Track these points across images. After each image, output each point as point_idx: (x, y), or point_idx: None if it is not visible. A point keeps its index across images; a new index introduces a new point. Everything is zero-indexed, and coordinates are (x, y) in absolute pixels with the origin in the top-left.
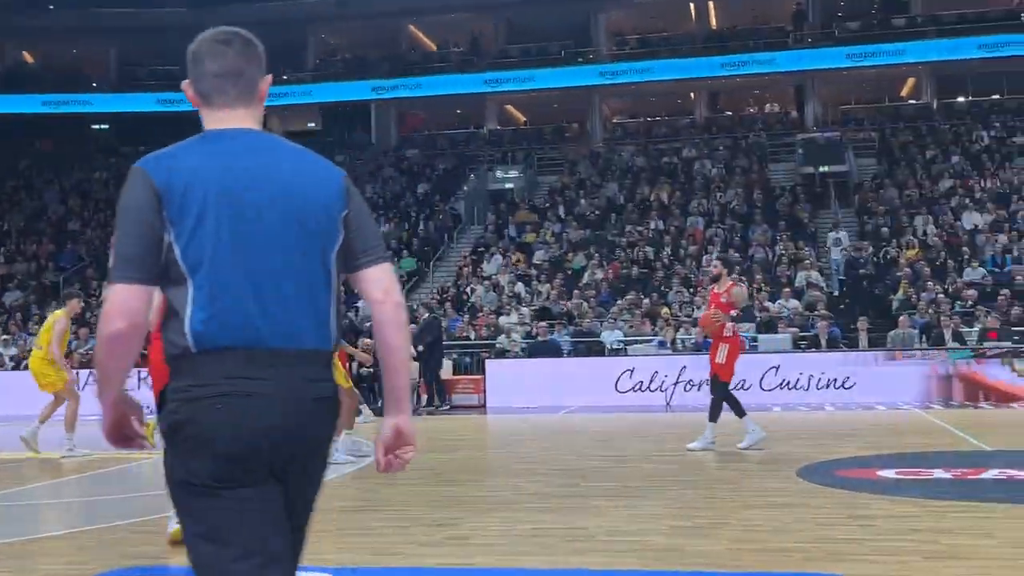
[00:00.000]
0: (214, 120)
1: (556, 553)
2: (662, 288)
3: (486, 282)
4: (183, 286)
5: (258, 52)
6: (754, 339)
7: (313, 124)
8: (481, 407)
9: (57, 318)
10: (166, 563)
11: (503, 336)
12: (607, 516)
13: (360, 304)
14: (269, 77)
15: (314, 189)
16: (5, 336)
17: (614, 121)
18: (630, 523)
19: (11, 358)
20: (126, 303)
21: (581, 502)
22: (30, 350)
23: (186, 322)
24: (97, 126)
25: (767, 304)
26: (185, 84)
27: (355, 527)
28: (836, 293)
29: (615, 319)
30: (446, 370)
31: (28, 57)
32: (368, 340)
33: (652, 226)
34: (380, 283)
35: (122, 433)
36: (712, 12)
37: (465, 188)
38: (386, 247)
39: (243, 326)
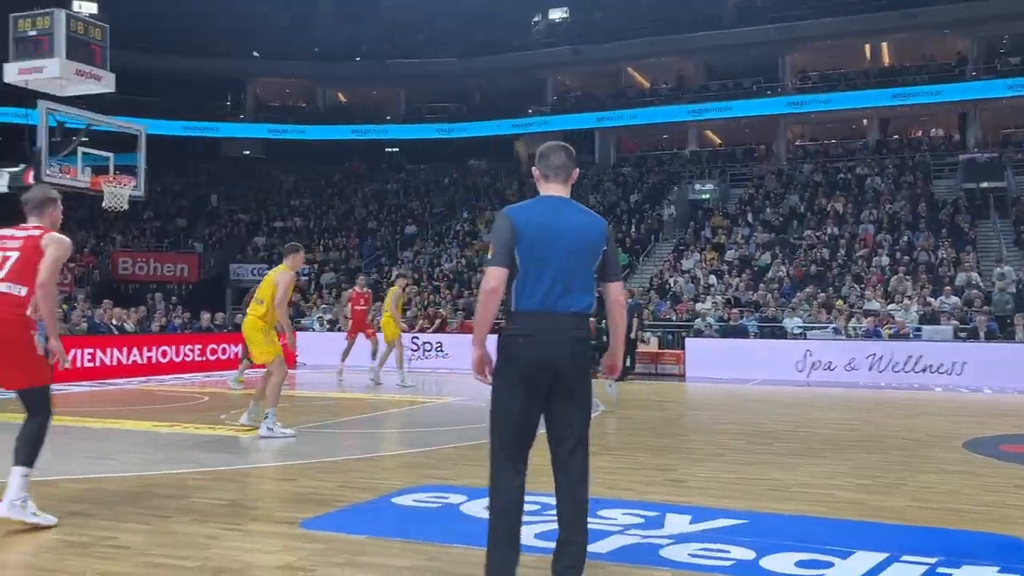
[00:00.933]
0: (547, 190)
1: (758, 499)
2: (836, 283)
3: (685, 275)
4: (516, 276)
5: (573, 155)
6: (918, 329)
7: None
8: (681, 376)
9: (280, 271)
10: (453, 483)
11: (699, 319)
12: (797, 471)
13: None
14: (577, 170)
15: (589, 231)
16: (324, 305)
17: (796, 144)
18: (816, 478)
19: (328, 321)
20: (497, 276)
21: (775, 458)
22: (334, 318)
23: (514, 295)
24: (390, 149)
25: (929, 299)
26: (534, 168)
27: (592, 467)
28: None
29: (795, 308)
30: (653, 345)
31: (340, 97)
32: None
33: (828, 231)
34: (614, 292)
35: (483, 367)
36: (884, 51)
37: (670, 198)
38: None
39: (542, 299)
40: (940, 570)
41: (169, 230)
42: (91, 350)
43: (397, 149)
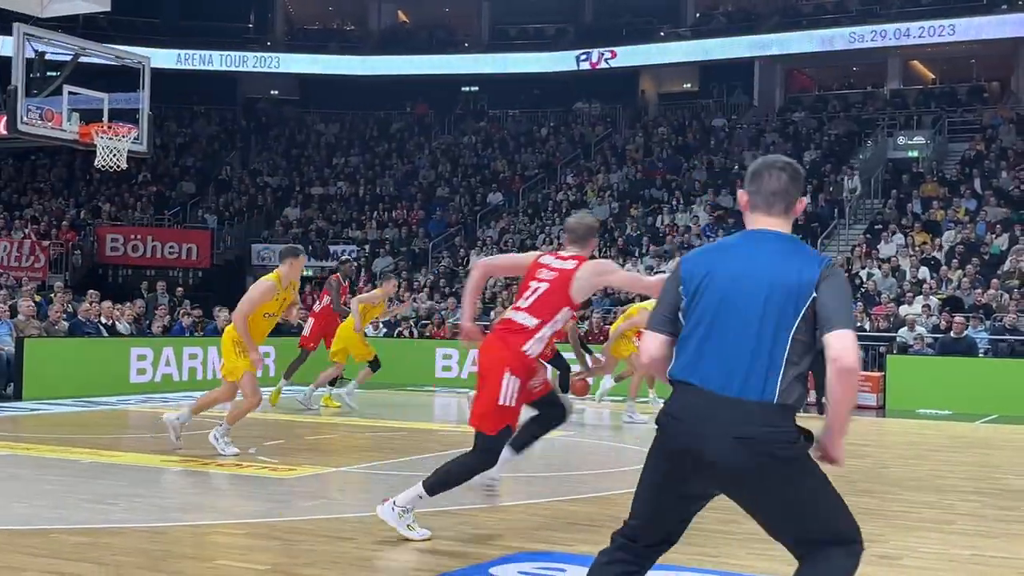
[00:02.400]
0: (755, 223)
1: None
2: None
3: (884, 265)
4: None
5: (800, 177)
6: None
7: (689, 85)
8: (880, 408)
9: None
10: (571, 550)
11: (905, 328)
12: None
13: None
14: (805, 199)
15: (792, 278)
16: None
17: None
18: None
19: (384, 323)
20: (651, 349)
21: None
22: (401, 317)
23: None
24: (467, 88)
25: None
26: (741, 192)
27: (762, 532)
28: None
29: None
30: None
31: (401, 16)
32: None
33: None
34: (836, 346)
35: None
36: None
37: (861, 157)
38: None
39: (699, 371)
40: None
41: (172, 198)
42: (73, 356)
43: (477, 88)
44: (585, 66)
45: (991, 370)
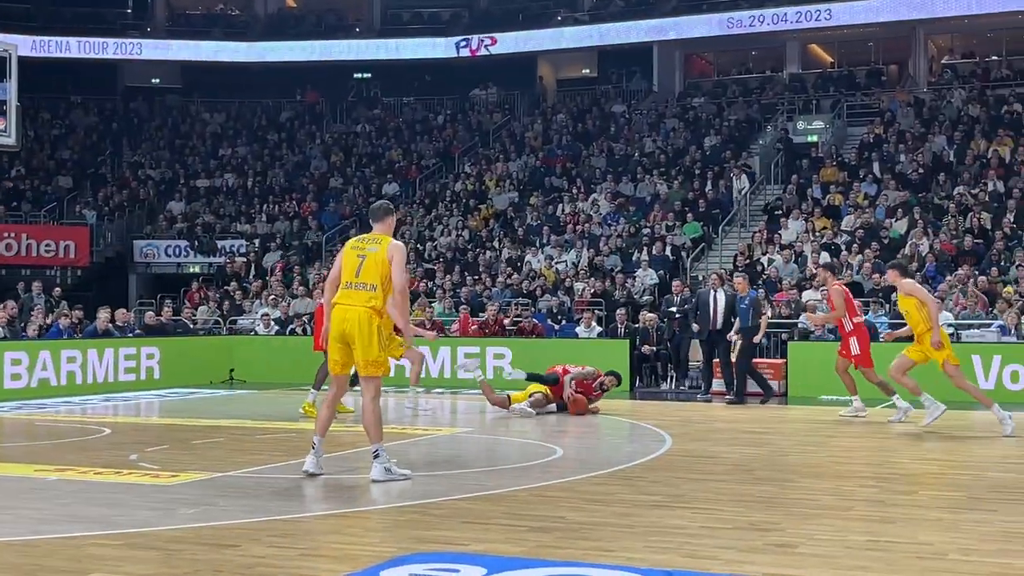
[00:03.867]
0: None
1: (903, 571)
2: (1002, 262)
3: (785, 251)
4: None
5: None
6: None
7: (588, 71)
8: (782, 395)
9: (390, 243)
10: (465, 549)
11: (806, 315)
12: (957, 531)
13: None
14: None
15: None
16: (272, 297)
17: (942, 62)
18: (983, 540)
19: (275, 320)
20: None
21: (922, 512)
22: (294, 314)
23: None
24: (360, 75)
25: None
26: None
27: (661, 525)
28: None
29: (943, 298)
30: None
31: (289, 1)
32: (649, 315)
33: (990, 188)
34: None
35: None
36: None
37: (760, 142)
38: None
39: None
40: None
41: (47, 194)
42: None
43: (369, 75)
44: (465, 53)
45: (892, 355)
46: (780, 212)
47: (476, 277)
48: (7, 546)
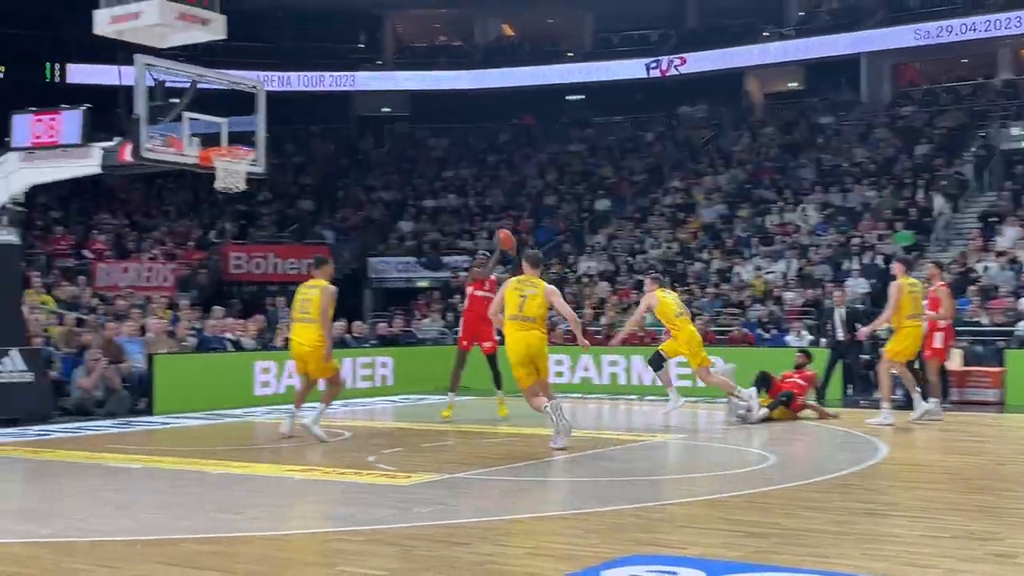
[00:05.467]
0: None
1: None
2: None
3: (1000, 258)
4: None
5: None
6: None
7: (795, 84)
8: (999, 404)
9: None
10: (682, 552)
11: None
12: None
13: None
14: None
15: None
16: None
17: None
18: None
19: (498, 331)
20: None
21: None
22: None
23: None
24: (572, 97)
25: None
26: None
27: (877, 533)
28: None
29: None
30: (955, 360)
31: (506, 30)
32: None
33: None
34: None
35: None
36: None
37: (973, 149)
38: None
39: None
40: None
41: (290, 216)
42: (201, 371)
43: (582, 97)
44: (655, 74)
45: None
46: (995, 219)
47: (686, 288)
48: (260, 539)
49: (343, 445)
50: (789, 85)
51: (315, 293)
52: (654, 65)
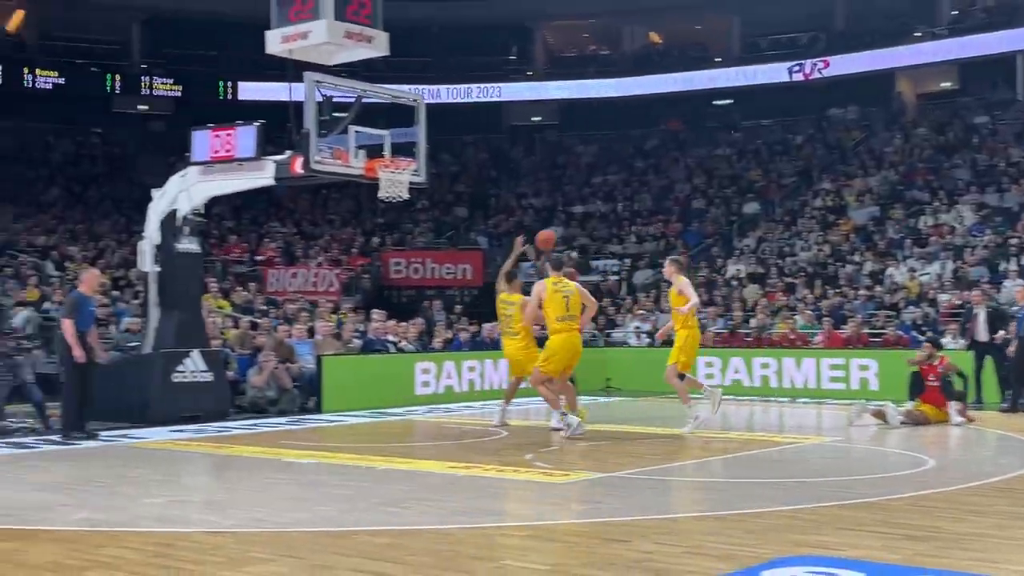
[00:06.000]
0: None
1: None
2: None
3: None
4: None
5: None
6: None
7: (949, 83)
8: None
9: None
10: (840, 554)
11: None
12: None
13: None
14: None
15: None
16: (640, 312)
17: None
18: None
19: (646, 333)
20: None
21: None
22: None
23: None
24: (719, 102)
25: None
26: None
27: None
28: None
29: None
30: None
31: (653, 38)
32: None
33: None
34: None
35: None
36: None
37: None
38: None
39: None
40: None
41: (446, 223)
42: (366, 372)
43: (730, 101)
44: (798, 78)
45: None
46: None
47: (837, 290)
48: (426, 533)
49: (501, 443)
50: (942, 85)
51: (514, 310)
52: (796, 69)
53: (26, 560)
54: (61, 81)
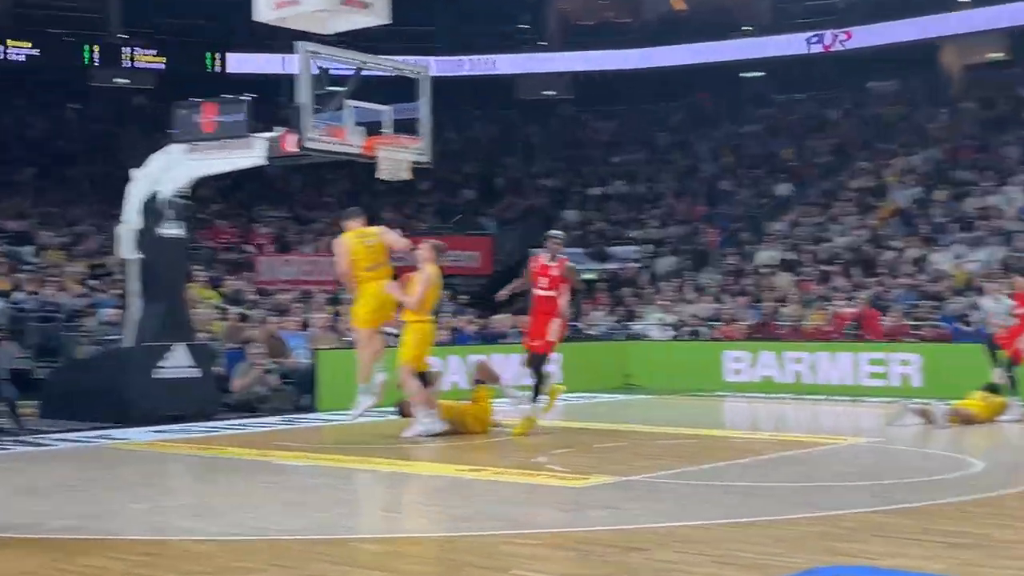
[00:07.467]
0: None
1: None
2: None
3: None
4: None
5: None
6: None
7: (1000, 54)
8: None
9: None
10: (878, 564)
11: None
12: None
13: None
14: None
15: None
16: (663, 303)
17: None
18: None
19: (671, 325)
20: None
21: None
22: (678, 321)
23: None
24: (748, 74)
25: None
26: None
27: None
28: None
29: None
30: None
31: (676, 4)
32: None
33: None
34: None
35: None
36: None
37: None
38: None
39: None
40: None
41: (451, 206)
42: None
43: (761, 73)
44: (817, 49)
45: None
46: None
47: (876, 278)
48: (430, 541)
49: (512, 445)
50: (991, 56)
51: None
52: (816, 40)
53: (1, 571)
54: (35, 53)
